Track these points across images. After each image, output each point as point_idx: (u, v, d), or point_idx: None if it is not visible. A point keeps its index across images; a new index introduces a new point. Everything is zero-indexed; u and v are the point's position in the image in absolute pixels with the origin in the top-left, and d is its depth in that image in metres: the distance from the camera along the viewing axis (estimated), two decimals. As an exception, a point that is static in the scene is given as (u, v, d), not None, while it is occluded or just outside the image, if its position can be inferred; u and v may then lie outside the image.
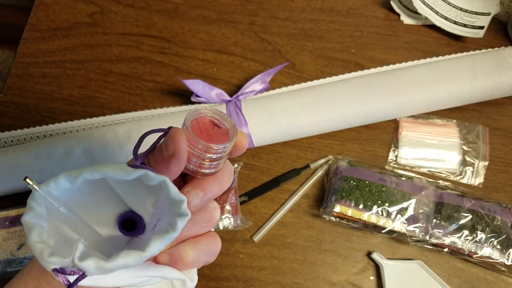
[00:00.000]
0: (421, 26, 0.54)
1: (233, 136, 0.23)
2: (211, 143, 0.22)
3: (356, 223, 0.42)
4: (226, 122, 0.24)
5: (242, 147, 0.24)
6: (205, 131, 0.23)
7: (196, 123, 0.23)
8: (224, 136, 0.23)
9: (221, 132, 0.23)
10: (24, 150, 0.42)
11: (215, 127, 0.23)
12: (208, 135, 0.23)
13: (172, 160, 0.21)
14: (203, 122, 0.23)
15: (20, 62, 0.51)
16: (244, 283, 0.42)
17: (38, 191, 0.18)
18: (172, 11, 0.54)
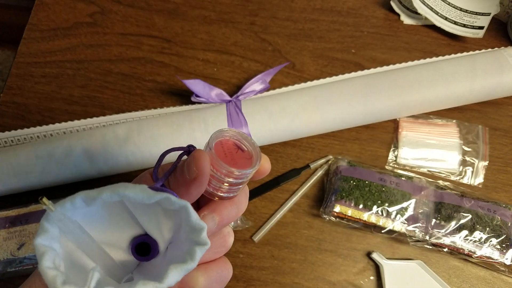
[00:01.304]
0: (421, 26, 0.54)
1: (257, 161, 0.22)
2: (234, 168, 0.21)
3: (356, 223, 0.42)
4: (251, 146, 0.23)
5: (265, 172, 0.24)
6: (229, 154, 0.22)
7: (220, 145, 0.22)
8: (247, 160, 0.22)
9: (244, 156, 0.22)
10: (24, 150, 0.42)
11: (239, 151, 0.23)
12: (231, 159, 0.22)
13: (194, 184, 0.21)
14: (227, 144, 0.23)
15: (20, 62, 0.51)
16: (244, 283, 0.42)
17: (53, 211, 0.18)
18: (172, 11, 0.54)
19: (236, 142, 0.23)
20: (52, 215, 0.18)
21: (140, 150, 0.42)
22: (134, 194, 0.18)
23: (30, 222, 0.42)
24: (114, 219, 0.21)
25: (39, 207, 0.42)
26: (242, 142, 0.23)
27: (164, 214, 0.21)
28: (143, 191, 0.19)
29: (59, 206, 0.18)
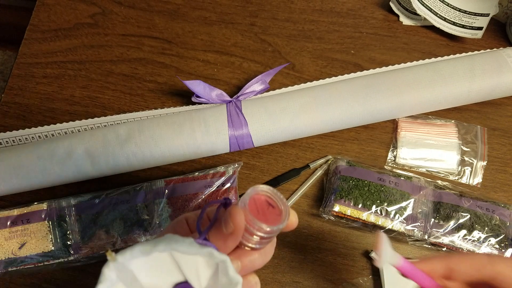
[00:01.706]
0: (420, 27, 0.54)
1: (286, 217, 0.24)
2: (265, 224, 0.23)
3: (355, 223, 0.43)
4: (281, 203, 0.24)
5: (292, 226, 0.25)
6: (261, 211, 0.24)
7: (253, 201, 0.24)
8: (277, 216, 0.24)
9: (275, 212, 0.24)
10: (26, 150, 0.43)
11: (270, 207, 0.24)
12: (263, 215, 0.24)
13: (230, 238, 0.23)
14: (259, 200, 0.24)
15: (21, 63, 0.51)
16: (244, 282, 0.42)
17: (115, 261, 0.20)
18: (173, 12, 0.54)
19: (268, 199, 0.25)
20: (113, 265, 0.20)
21: (141, 150, 0.42)
22: (185, 248, 0.21)
23: (31, 222, 0.42)
24: (161, 266, 0.23)
25: (40, 207, 0.43)
26: (274, 199, 0.24)
27: (204, 263, 0.23)
28: (191, 245, 0.21)
29: (120, 256, 0.20)
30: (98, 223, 0.42)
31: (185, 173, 0.45)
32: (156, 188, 0.43)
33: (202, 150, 0.44)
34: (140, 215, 0.42)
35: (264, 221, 0.23)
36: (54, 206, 0.43)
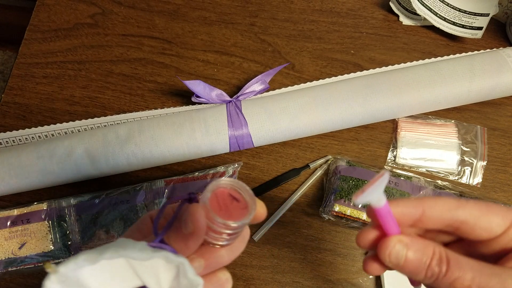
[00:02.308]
0: (420, 27, 0.54)
1: (252, 211, 0.23)
2: (229, 221, 0.22)
3: (355, 222, 0.43)
4: (246, 195, 0.23)
5: (260, 218, 0.24)
6: (224, 206, 0.23)
7: (215, 197, 0.23)
8: (242, 210, 0.23)
9: (239, 206, 0.23)
10: (26, 150, 0.43)
11: (234, 201, 0.23)
12: (226, 211, 0.23)
13: (191, 238, 0.22)
14: (222, 195, 0.23)
15: (21, 63, 0.51)
16: (244, 281, 0.42)
17: (56, 274, 0.19)
18: (173, 12, 0.54)
19: (231, 192, 0.23)
20: (55, 277, 0.19)
21: (141, 150, 0.42)
22: (135, 254, 0.19)
23: (31, 222, 0.42)
24: (115, 273, 0.21)
25: (40, 207, 0.43)
26: (237, 192, 0.23)
27: (164, 266, 0.21)
28: (142, 250, 0.20)
29: (64, 266, 0.19)
30: (98, 223, 0.42)
31: (185, 173, 0.45)
32: (156, 188, 0.43)
33: (202, 150, 0.44)
34: (140, 215, 0.42)
35: (227, 217, 0.22)
36: (54, 206, 0.43)
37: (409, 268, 0.23)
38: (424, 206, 0.24)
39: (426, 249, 0.23)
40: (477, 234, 0.24)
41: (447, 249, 0.23)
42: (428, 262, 0.23)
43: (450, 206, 0.24)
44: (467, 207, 0.24)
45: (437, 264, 0.22)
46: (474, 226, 0.24)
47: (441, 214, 0.24)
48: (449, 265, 0.22)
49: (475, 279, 0.22)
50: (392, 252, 0.23)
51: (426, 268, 0.23)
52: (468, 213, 0.24)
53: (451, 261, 0.22)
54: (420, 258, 0.23)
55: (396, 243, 0.23)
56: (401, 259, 0.23)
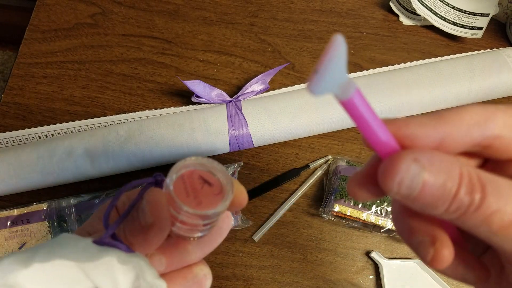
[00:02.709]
0: (420, 27, 0.54)
1: (228, 195, 0.19)
2: (198, 210, 0.18)
3: (355, 223, 0.43)
4: (220, 176, 0.19)
5: (240, 204, 0.20)
6: (192, 192, 0.19)
7: (182, 180, 0.19)
8: (216, 196, 0.19)
9: (212, 191, 0.19)
10: (26, 150, 0.43)
11: (205, 185, 0.19)
12: (195, 198, 0.18)
13: (151, 231, 0.18)
14: (190, 179, 0.19)
15: (21, 63, 0.51)
16: (244, 281, 0.42)
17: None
18: (173, 12, 0.54)
19: (201, 174, 0.19)
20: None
21: (141, 150, 0.42)
22: (74, 255, 0.16)
23: (31, 222, 0.42)
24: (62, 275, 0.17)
25: (40, 207, 0.43)
26: (209, 173, 0.19)
27: (121, 267, 0.17)
28: (84, 250, 0.16)
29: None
30: (98, 223, 0.42)
31: (185, 173, 0.45)
32: (156, 188, 0.43)
33: (202, 150, 0.44)
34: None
35: (197, 204, 0.18)
36: (54, 206, 0.43)
37: (427, 199, 0.16)
38: (446, 125, 0.17)
39: (452, 170, 0.15)
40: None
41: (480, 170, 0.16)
42: (455, 189, 0.15)
43: (479, 118, 0.17)
44: (499, 116, 0.17)
45: (468, 192, 0.15)
46: (510, 140, 0.17)
47: (468, 133, 0.17)
48: (485, 193, 0.15)
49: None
50: (404, 178, 0.15)
51: (452, 198, 0.15)
52: (501, 124, 0.17)
53: (487, 187, 0.15)
54: (444, 184, 0.15)
55: (411, 164, 0.15)
56: (417, 187, 0.15)
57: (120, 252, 0.17)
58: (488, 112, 0.17)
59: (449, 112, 0.17)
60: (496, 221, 0.15)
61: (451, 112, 0.17)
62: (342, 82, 0.15)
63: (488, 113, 0.17)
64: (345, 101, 0.15)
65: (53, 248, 0.16)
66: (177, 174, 0.19)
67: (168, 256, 0.20)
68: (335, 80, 0.15)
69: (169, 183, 0.18)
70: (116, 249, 0.17)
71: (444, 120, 0.17)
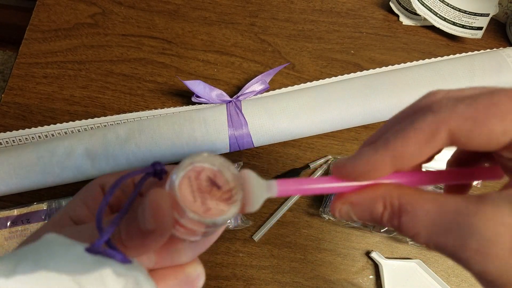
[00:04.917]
0: (420, 27, 0.54)
1: (238, 201, 0.17)
2: (205, 217, 0.16)
3: (355, 223, 0.43)
4: (230, 178, 0.18)
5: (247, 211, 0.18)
6: (199, 195, 0.17)
7: (189, 181, 0.17)
8: (225, 201, 0.17)
9: (221, 196, 0.17)
10: (26, 150, 0.43)
11: (214, 188, 0.17)
12: (203, 203, 0.17)
13: (151, 237, 0.16)
14: (198, 180, 0.17)
15: (21, 63, 0.51)
16: (244, 282, 0.42)
17: None
18: (173, 12, 0.54)
19: (210, 175, 0.17)
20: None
21: (141, 151, 0.42)
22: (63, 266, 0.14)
23: (31, 222, 0.42)
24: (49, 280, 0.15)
25: (40, 207, 0.43)
26: (219, 175, 0.18)
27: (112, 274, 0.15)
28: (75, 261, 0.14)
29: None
30: (98, 223, 0.42)
31: (185, 173, 0.45)
32: (156, 188, 0.43)
33: (202, 150, 0.44)
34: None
35: (204, 211, 0.16)
36: (54, 206, 0.43)
37: (366, 221, 0.20)
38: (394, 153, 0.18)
39: (374, 204, 0.19)
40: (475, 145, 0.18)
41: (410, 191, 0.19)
42: (379, 218, 0.19)
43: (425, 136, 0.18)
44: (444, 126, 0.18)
45: (388, 220, 0.19)
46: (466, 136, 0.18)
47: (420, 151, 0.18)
48: (401, 221, 0.18)
49: (431, 237, 0.17)
50: (341, 212, 0.20)
51: (379, 222, 0.19)
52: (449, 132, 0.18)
53: (403, 215, 0.18)
54: (370, 215, 0.19)
55: (341, 206, 0.20)
56: (352, 217, 0.20)
57: (116, 263, 0.15)
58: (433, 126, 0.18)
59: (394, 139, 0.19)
60: (416, 241, 0.18)
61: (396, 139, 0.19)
62: (264, 195, 0.18)
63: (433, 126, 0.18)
64: (278, 194, 0.19)
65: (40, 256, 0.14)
66: (184, 172, 0.17)
67: (158, 254, 0.19)
68: (261, 199, 0.18)
69: (174, 182, 0.16)
70: (113, 259, 0.15)
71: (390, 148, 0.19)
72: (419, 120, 0.19)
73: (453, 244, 0.17)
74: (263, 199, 0.18)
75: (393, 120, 0.22)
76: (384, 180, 0.20)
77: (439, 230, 0.17)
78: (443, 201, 0.18)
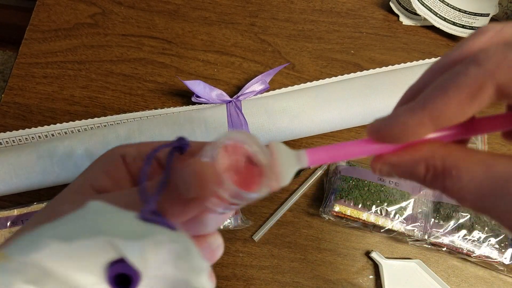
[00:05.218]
0: (420, 27, 0.54)
1: (269, 181, 0.18)
2: (244, 191, 0.17)
3: (355, 223, 0.43)
4: (264, 158, 0.18)
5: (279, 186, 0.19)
6: (236, 168, 0.17)
7: (227, 154, 0.17)
8: (257, 178, 0.18)
9: (254, 172, 0.18)
10: (26, 150, 0.43)
11: (249, 165, 0.18)
12: (239, 176, 0.17)
13: (191, 204, 0.16)
14: (235, 154, 0.18)
15: (21, 63, 0.51)
16: (244, 282, 0.42)
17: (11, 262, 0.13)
18: (173, 12, 0.54)
19: (247, 152, 0.18)
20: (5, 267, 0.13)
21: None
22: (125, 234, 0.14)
23: (31, 222, 0.42)
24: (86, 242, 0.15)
25: (40, 207, 0.43)
26: (255, 153, 0.18)
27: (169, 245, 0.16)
28: (131, 227, 0.14)
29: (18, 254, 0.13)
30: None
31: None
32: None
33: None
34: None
35: (239, 184, 0.17)
36: (54, 206, 0.43)
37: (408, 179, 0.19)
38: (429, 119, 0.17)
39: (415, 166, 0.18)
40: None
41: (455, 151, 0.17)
42: (422, 179, 0.18)
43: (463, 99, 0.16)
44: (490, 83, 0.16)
45: (431, 182, 0.18)
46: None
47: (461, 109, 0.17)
48: (445, 185, 0.17)
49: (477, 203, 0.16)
50: (382, 172, 0.19)
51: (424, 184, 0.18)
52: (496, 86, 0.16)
53: (447, 180, 0.17)
54: (411, 177, 0.18)
55: (381, 167, 0.19)
56: (392, 175, 0.19)
57: (171, 231, 0.15)
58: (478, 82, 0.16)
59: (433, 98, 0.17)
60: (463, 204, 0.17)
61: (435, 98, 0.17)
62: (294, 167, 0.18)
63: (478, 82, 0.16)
64: (309, 164, 0.19)
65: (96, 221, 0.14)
66: (223, 145, 0.17)
67: (184, 224, 0.18)
68: (291, 171, 0.18)
69: (214, 154, 0.17)
70: (164, 226, 0.15)
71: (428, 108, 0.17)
72: (461, 75, 0.16)
73: (503, 210, 0.15)
74: (294, 172, 0.18)
75: (432, 71, 0.19)
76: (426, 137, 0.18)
77: (487, 196, 0.16)
78: (491, 164, 0.16)
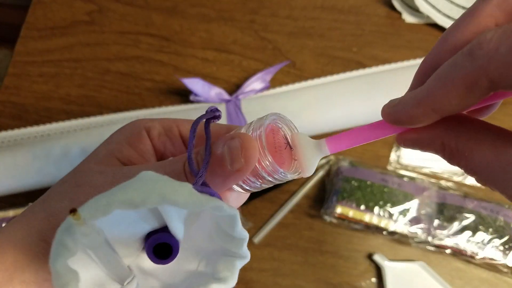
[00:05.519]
0: (423, 25, 0.53)
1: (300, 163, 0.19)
2: (283, 168, 0.18)
3: (358, 224, 0.42)
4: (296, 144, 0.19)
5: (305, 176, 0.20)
6: (278, 148, 0.18)
7: (272, 134, 0.18)
8: (287, 160, 0.19)
9: (291, 155, 0.19)
10: (21, 150, 0.42)
11: (287, 147, 0.19)
12: (279, 155, 0.18)
13: (234, 176, 0.17)
14: (277, 134, 0.19)
15: (17, 61, 0.50)
16: (244, 284, 0.42)
17: (83, 226, 0.14)
18: (171, 9, 0.53)
19: (287, 135, 0.19)
20: (79, 230, 0.14)
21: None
22: (184, 201, 0.14)
23: (27, 223, 0.41)
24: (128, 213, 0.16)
25: (36, 208, 0.42)
26: (292, 137, 0.19)
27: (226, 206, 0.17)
28: (191, 195, 0.15)
29: (90, 217, 0.13)
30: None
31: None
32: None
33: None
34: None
35: (281, 163, 0.18)
36: (50, 207, 0.42)
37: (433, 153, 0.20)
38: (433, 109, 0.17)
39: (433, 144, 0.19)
40: None
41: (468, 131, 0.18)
42: (441, 155, 0.19)
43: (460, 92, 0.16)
44: None
45: (448, 159, 0.18)
46: None
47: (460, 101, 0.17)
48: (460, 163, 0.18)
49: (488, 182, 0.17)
50: (407, 146, 0.20)
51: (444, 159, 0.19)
52: None
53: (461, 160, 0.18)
54: (432, 151, 0.19)
55: (404, 142, 0.20)
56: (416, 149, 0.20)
57: (222, 202, 0.16)
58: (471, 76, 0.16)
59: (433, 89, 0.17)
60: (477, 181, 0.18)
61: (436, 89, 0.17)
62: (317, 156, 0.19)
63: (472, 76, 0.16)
64: (331, 152, 0.19)
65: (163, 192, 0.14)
66: (269, 125, 0.18)
67: None
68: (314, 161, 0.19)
69: (262, 131, 0.18)
70: (216, 198, 0.16)
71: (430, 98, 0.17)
72: (458, 67, 0.16)
73: None
74: (317, 161, 0.19)
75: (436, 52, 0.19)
76: None
77: (498, 177, 0.16)
78: (502, 151, 0.16)
